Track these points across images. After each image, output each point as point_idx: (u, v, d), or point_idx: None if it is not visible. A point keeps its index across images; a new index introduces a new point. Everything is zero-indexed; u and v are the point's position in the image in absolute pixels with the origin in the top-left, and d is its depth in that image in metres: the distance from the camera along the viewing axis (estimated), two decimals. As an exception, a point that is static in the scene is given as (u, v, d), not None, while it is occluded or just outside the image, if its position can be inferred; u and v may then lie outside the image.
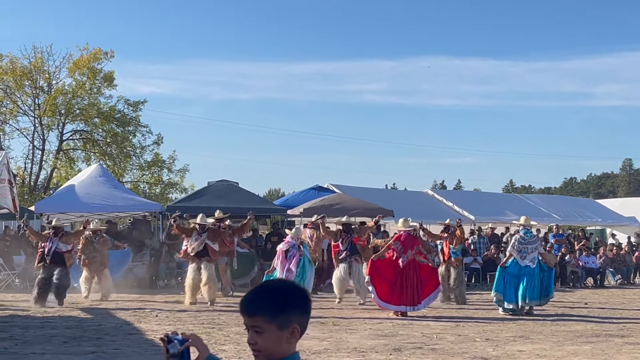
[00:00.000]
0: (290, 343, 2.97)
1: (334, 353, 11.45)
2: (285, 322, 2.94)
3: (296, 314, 2.98)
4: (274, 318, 2.92)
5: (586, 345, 12.59)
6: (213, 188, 27.81)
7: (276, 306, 2.94)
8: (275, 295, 2.98)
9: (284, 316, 2.94)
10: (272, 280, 3.20)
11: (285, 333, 2.94)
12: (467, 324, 15.48)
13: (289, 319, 2.95)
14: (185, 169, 50.24)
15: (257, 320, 2.94)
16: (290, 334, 2.96)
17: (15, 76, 44.52)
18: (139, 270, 24.21)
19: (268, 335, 2.93)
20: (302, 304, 3.03)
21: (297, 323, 2.98)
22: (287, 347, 2.97)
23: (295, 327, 2.97)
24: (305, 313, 3.04)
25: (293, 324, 2.96)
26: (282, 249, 16.84)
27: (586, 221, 36.85)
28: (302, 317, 3.01)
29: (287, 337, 2.95)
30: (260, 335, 2.94)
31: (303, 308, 3.03)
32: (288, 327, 2.95)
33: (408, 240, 17.25)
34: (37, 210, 25.72)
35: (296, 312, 2.99)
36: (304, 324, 3.03)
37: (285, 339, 2.95)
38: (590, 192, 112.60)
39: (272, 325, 2.92)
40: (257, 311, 2.95)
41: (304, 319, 3.03)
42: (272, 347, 2.94)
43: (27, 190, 44.28)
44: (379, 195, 32.19)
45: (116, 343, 12.34)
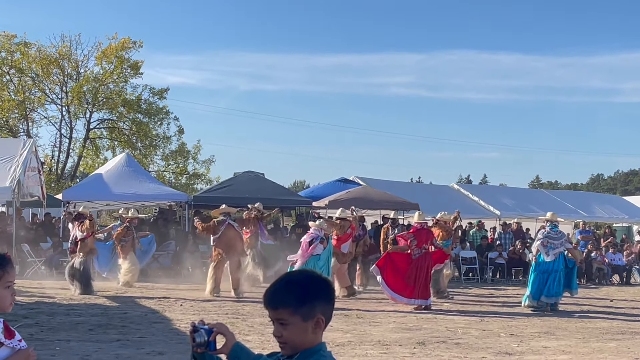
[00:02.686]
0: (316, 333, 2.95)
1: (358, 345, 11.45)
2: (309, 313, 2.92)
3: (320, 304, 2.96)
4: (298, 309, 2.91)
5: (612, 343, 12.51)
6: (239, 179, 27.87)
7: (299, 298, 2.92)
8: (298, 287, 2.97)
9: (308, 307, 2.92)
10: (294, 272, 3.19)
11: (310, 324, 2.93)
12: (491, 319, 15.42)
13: (313, 309, 2.93)
14: (210, 160, 50.42)
15: (281, 313, 2.93)
16: (315, 325, 2.94)
17: (43, 64, 44.80)
18: (164, 259, 24.29)
19: (293, 327, 2.91)
20: (325, 294, 3.01)
21: (322, 313, 2.95)
22: (313, 338, 2.95)
23: (319, 318, 2.94)
24: (328, 303, 3.02)
25: (317, 314, 2.94)
26: (305, 241, 16.83)
27: (612, 218, 36.55)
28: (326, 307, 2.99)
29: (312, 328, 2.93)
30: (286, 328, 2.92)
31: (326, 298, 3.01)
32: (313, 318, 2.93)
33: (423, 233, 17.22)
34: (64, 198, 25.87)
35: (320, 303, 2.96)
36: (329, 313, 3.01)
37: (310, 329, 2.93)
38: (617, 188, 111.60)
39: (297, 316, 2.91)
40: (280, 304, 2.94)
41: (328, 309, 3.00)
42: (298, 338, 2.92)
43: (54, 178, 44.60)
44: (403, 189, 32.11)
45: (141, 331, 12.40)
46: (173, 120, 48.65)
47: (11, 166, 22.19)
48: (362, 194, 27.62)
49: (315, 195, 29.09)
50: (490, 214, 31.83)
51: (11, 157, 22.77)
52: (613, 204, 39.07)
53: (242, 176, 28.10)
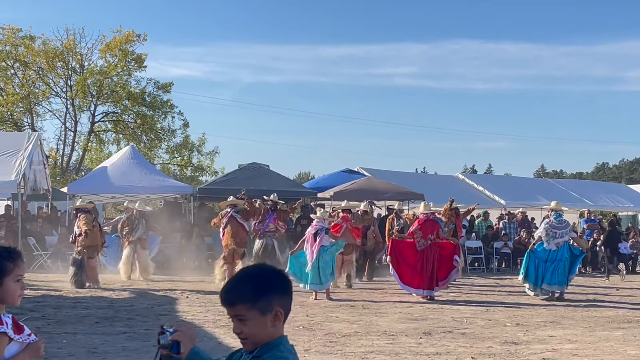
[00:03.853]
0: (276, 326, 2.95)
1: (364, 336, 11.47)
2: (267, 307, 2.92)
3: (277, 297, 2.95)
4: (255, 304, 2.90)
5: (618, 331, 12.51)
6: (244, 171, 27.87)
7: (255, 292, 2.92)
8: (253, 281, 2.96)
9: (265, 300, 2.91)
10: (248, 267, 3.14)
11: (269, 317, 2.92)
12: (497, 308, 15.43)
13: (270, 302, 2.92)
14: (215, 152, 50.46)
15: (238, 309, 2.92)
16: (274, 318, 2.94)
17: (48, 58, 44.81)
18: (170, 251, 24.33)
19: (252, 322, 2.91)
20: (282, 286, 3.01)
21: (279, 306, 2.95)
22: (273, 331, 2.95)
23: (278, 311, 2.94)
24: (286, 295, 3.01)
25: (275, 307, 2.94)
26: (310, 232, 16.84)
27: (618, 207, 36.50)
28: (283, 300, 2.98)
29: (272, 321, 2.93)
30: (245, 323, 2.92)
31: (283, 290, 3.00)
32: (271, 311, 2.92)
33: (428, 224, 17.21)
34: (70, 191, 25.91)
35: (277, 295, 2.96)
36: (287, 306, 3.01)
37: (269, 323, 2.93)
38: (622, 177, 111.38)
39: (255, 311, 2.91)
40: (237, 300, 2.93)
41: (285, 301, 3.00)
42: (258, 333, 2.93)
43: (59, 171, 44.65)
44: (409, 179, 32.09)
45: (147, 324, 12.43)
46: (177, 114, 48.71)
47: (16, 160, 22.23)
48: (367, 185, 27.60)
49: (320, 187, 29.09)
50: (495, 204, 31.82)
51: (16, 150, 22.81)
52: (618, 192, 39.02)
53: (246, 168, 28.11)
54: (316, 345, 10.52)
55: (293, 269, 16.77)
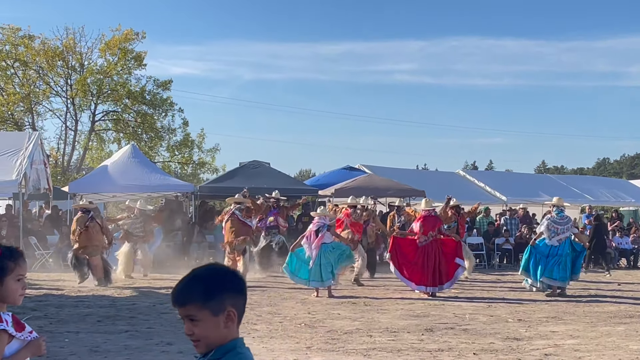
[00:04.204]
0: (229, 328, 2.87)
1: (366, 333, 11.48)
2: (218, 307, 2.83)
3: (229, 297, 2.87)
4: (206, 304, 2.82)
5: (620, 326, 12.52)
6: (245, 168, 27.88)
7: (206, 291, 2.83)
8: (204, 281, 2.87)
9: (217, 301, 2.83)
10: (200, 266, 3.03)
11: (221, 318, 2.84)
12: (499, 304, 15.43)
13: (222, 302, 2.84)
14: (215, 149, 50.44)
15: (189, 309, 2.84)
16: (226, 319, 2.85)
17: (48, 57, 44.81)
18: (171, 250, 24.33)
19: (204, 323, 2.83)
20: (234, 286, 2.92)
21: (232, 306, 2.86)
22: (227, 333, 2.86)
23: (230, 311, 2.86)
24: (239, 295, 2.92)
25: (227, 307, 2.85)
26: (312, 230, 16.84)
27: (619, 202, 36.49)
28: (236, 300, 2.90)
29: (224, 322, 2.85)
30: (196, 324, 2.84)
31: (236, 290, 2.92)
32: (223, 312, 2.84)
33: (429, 221, 17.20)
34: (71, 190, 25.90)
35: (229, 295, 2.87)
36: (240, 306, 2.92)
37: (222, 324, 2.84)
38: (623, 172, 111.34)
39: (206, 311, 2.82)
40: (187, 300, 2.85)
41: (238, 302, 2.91)
42: (210, 334, 2.84)
43: (60, 170, 44.64)
44: (409, 176, 32.09)
45: (150, 322, 12.45)
46: (178, 112, 48.73)
47: (17, 159, 22.24)
48: (367, 182, 27.59)
49: (321, 184, 29.09)
50: (496, 200, 31.81)
51: (17, 150, 22.82)
52: (619, 187, 38.99)
53: (247, 166, 28.12)
54: (318, 343, 10.53)
55: (291, 267, 16.78)
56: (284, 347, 10.19)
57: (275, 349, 10.04)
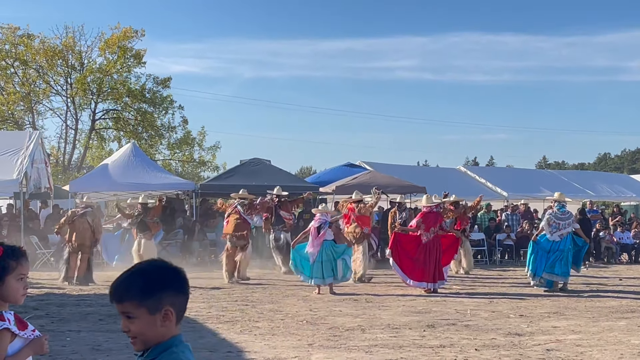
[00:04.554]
0: (166, 326, 2.79)
1: (368, 329, 11.47)
2: (156, 306, 2.77)
3: (168, 296, 2.80)
4: (143, 302, 2.76)
5: (621, 321, 12.51)
6: (245, 166, 27.87)
7: (144, 289, 2.77)
8: (142, 278, 2.81)
9: (154, 299, 2.76)
10: (142, 262, 2.98)
11: (158, 317, 2.77)
12: (500, 300, 15.42)
13: (159, 301, 2.77)
14: (216, 146, 50.48)
15: (126, 306, 2.78)
16: (163, 318, 2.78)
17: (47, 56, 44.83)
18: (172, 248, 24.35)
19: (140, 321, 2.77)
20: (174, 285, 2.85)
21: (170, 305, 2.79)
22: (164, 331, 2.79)
23: (168, 310, 2.78)
24: (179, 293, 2.85)
25: (165, 306, 2.78)
26: (314, 226, 16.82)
27: (620, 197, 36.47)
28: (175, 298, 2.82)
29: (161, 321, 2.78)
30: (133, 322, 2.78)
31: (175, 288, 2.84)
32: (160, 311, 2.77)
33: (431, 217, 17.20)
34: (72, 189, 25.92)
35: (167, 294, 2.80)
36: (180, 305, 2.85)
37: (159, 323, 2.77)
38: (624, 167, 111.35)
39: (143, 309, 2.76)
40: (124, 296, 2.79)
41: (178, 301, 2.83)
42: (147, 332, 2.78)
43: (60, 169, 44.68)
44: (410, 172, 32.10)
45: (151, 320, 12.42)
46: (177, 109, 48.75)
47: (18, 159, 22.24)
48: (368, 179, 27.58)
49: (322, 181, 29.09)
50: (497, 196, 31.81)
51: (17, 149, 22.82)
52: (620, 182, 38.99)
53: (248, 164, 28.11)
54: (320, 340, 10.53)
55: (295, 263, 16.81)
56: (286, 344, 10.19)
57: (277, 346, 10.04)
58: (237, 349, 9.82)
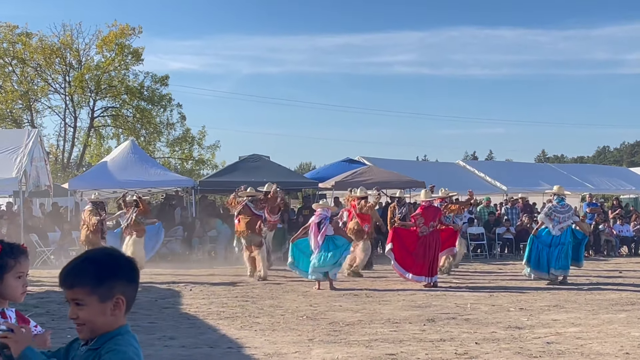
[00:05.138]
0: (116, 315, 2.80)
1: (368, 324, 11.48)
2: (107, 294, 2.77)
3: (120, 284, 2.81)
4: (95, 289, 2.75)
5: (621, 314, 12.53)
6: (244, 162, 27.87)
7: (97, 276, 2.76)
8: (95, 265, 2.80)
9: (106, 287, 2.77)
10: (94, 249, 2.99)
11: (108, 305, 2.77)
12: (500, 294, 15.44)
13: (111, 289, 2.78)
14: (216, 145, 50.45)
15: (77, 292, 2.76)
16: (114, 306, 2.78)
17: (45, 54, 44.81)
18: (173, 245, 24.37)
19: (89, 308, 2.76)
20: (126, 274, 2.86)
21: (121, 294, 2.80)
22: (113, 320, 2.80)
23: (119, 298, 2.79)
24: (130, 283, 2.87)
25: (116, 294, 2.79)
26: (314, 222, 16.82)
27: (619, 190, 36.46)
28: (126, 288, 2.84)
29: (111, 310, 2.78)
30: (82, 308, 2.76)
31: (127, 278, 2.86)
32: (111, 299, 2.77)
33: (430, 211, 17.21)
34: (71, 187, 25.94)
35: (120, 282, 2.81)
36: (130, 294, 2.86)
37: (109, 311, 2.78)
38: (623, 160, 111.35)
39: (94, 297, 2.75)
40: (76, 282, 2.77)
41: (129, 290, 2.85)
42: (96, 320, 2.77)
43: (59, 167, 44.67)
44: (409, 167, 32.09)
45: (151, 317, 12.45)
46: (176, 107, 48.71)
47: (17, 157, 22.20)
48: (367, 174, 27.60)
49: (321, 177, 29.09)
50: (496, 190, 31.81)
51: (16, 147, 22.78)
52: (620, 175, 38.97)
53: (247, 160, 28.10)
54: (320, 335, 10.54)
55: (295, 258, 16.82)
56: (286, 339, 10.20)
57: (278, 341, 10.05)
58: (238, 345, 9.83)
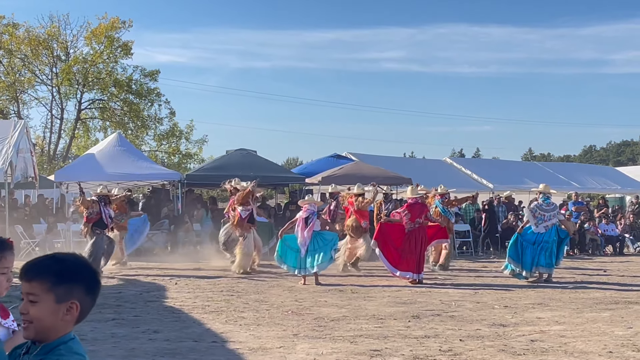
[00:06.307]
0: (66, 321, 2.72)
1: (353, 320, 11.49)
2: (64, 295, 2.70)
3: (78, 290, 2.73)
4: (53, 287, 2.68)
5: (605, 312, 12.57)
6: (232, 157, 27.83)
7: (59, 275, 2.70)
8: (60, 264, 2.74)
9: (65, 288, 2.70)
10: (62, 252, 2.88)
11: (62, 307, 2.70)
12: (485, 291, 15.47)
13: (69, 292, 2.71)
14: (203, 140, 50.33)
15: (34, 287, 2.69)
16: (67, 310, 2.71)
17: (32, 45, 44.58)
18: (158, 238, 24.31)
19: (42, 306, 2.69)
20: (88, 282, 2.79)
21: (78, 300, 2.73)
22: (62, 326, 2.73)
23: (74, 303, 2.72)
24: (89, 293, 2.79)
25: (73, 299, 2.71)
26: (302, 217, 16.82)
27: (605, 189, 36.62)
28: (84, 296, 2.76)
29: (64, 313, 2.70)
30: (34, 305, 2.69)
31: (88, 286, 2.78)
32: (66, 302, 2.70)
33: (416, 207, 17.24)
34: (57, 179, 25.83)
35: (79, 287, 2.74)
36: (86, 305, 2.78)
37: (61, 314, 2.70)
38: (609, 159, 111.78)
39: (50, 295, 2.68)
40: (37, 276, 2.71)
41: (86, 299, 2.77)
42: (45, 320, 2.69)
43: (46, 159, 44.49)
44: (397, 164, 32.11)
45: (136, 310, 12.43)
46: (164, 103, 48.53)
47: (2, 148, 22.10)
48: (355, 170, 27.60)
49: (308, 172, 29.09)
50: (483, 188, 31.84)
51: (2, 138, 22.67)
52: (606, 175, 39.14)
53: (234, 154, 28.06)
54: (305, 330, 10.54)
55: (280, 253, 16.80)
56: (271, 334, 10.20)
57: (262, 336, 10.04)
58: (222, 339, 9.82)
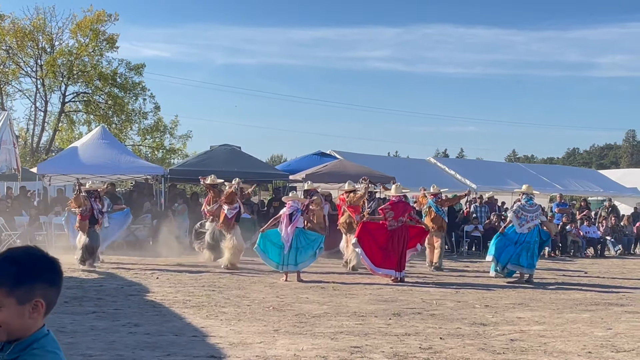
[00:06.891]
0: (34, 319, 2.65)
1: (334, 317, 11.50)
2: (26, 296, 2.62)
3: (40, 287, 2.65)
4: (13, 291, 2.60)
5: (585, 314, 12.63)
6: (215, 152, 27.78)
7: (16, 277, 2.61)
8: (16, 265, 2.64)
9: (25, 289, 2.62)
10: (16, 248, 2.78)
11: (27, 308, 2.63)
12: (467, 290, 15.52)
13: (31, 292, 2.63)
14: (187, 135, 50.23)
15: None
16: (32, 309, 2.64)
17: (17, 37, 44.33)
18: (140, 232, 24.23)
19: (6, 310, 2.60)
20: (48, 276, 2.70)
21: (42, 297, 2.65)
22: (31, 323, 2.65)
23: (38, 302, 2.64)
24: (52, 286, 2.70)
25: (36, 297, 2.64)
26: (286, 213, 16.82)
27: (588, 192, 36.81)
28: (48, 291, 2.68)
29: (30, 313, 2.63)
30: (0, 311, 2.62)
31: (49, 280, 2.70)
32: (30, 302, 2.63)
33: (400, 206, 17.28)
34: (39, 171, 25.71)
35: (40, 285, 2.65)
36: (51, 298, 2.71)
37: (27, 314, 2.63)
38: (592, 162, 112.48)
39: (11, 299, 2.60)
40: None
41: (50, 293, 2.69)
42: (12, 323, 2.62)
43: (28, 151, 44.28)
44: (380, 163, 32.16)
45: (117, 303, 12.39)
46: (149, 97, 48.36)
47: (-15, 139, 21.97)
48: (338, 168, 27.63)
49: (292, 169, 29.09)
50: (466, 188, 31.88)
51: (-15, 129, 22.54)
52: (588, 177, 39.37)
53: (218, 149, 28.01)
54: (286, 326, 10.53)
55: (262, 248, 16.78)
56: (252, 329, 10.19)
57: (243, 331, 10.03)
58: (203, 334, 9.80)
